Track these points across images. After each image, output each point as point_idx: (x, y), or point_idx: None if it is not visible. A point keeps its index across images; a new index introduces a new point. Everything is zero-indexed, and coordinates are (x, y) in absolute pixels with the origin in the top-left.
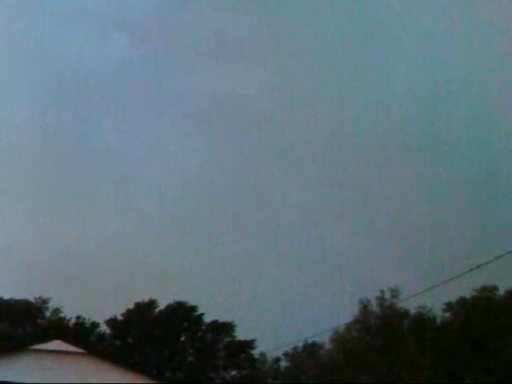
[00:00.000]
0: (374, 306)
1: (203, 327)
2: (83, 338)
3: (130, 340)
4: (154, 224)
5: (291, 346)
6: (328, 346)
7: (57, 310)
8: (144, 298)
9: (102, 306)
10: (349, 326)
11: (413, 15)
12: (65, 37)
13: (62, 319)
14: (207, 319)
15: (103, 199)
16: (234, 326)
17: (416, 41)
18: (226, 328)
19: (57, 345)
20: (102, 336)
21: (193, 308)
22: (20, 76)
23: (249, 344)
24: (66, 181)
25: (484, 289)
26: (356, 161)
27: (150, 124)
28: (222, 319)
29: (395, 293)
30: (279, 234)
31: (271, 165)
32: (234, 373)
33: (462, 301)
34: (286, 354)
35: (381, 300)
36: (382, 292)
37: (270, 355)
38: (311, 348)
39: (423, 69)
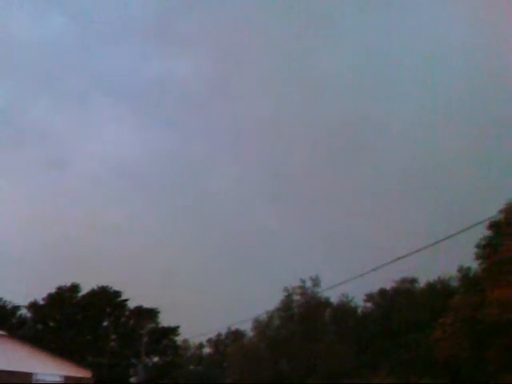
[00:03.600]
0: (297, 295)
1: (127, 313)
2: (4, 320)
3: (51, 324)
4: (81, 206)
5: (215, 333)
6: (250, 333)
7: None
8: (66, 281)
9: (23, 290)
10: (271, 314)
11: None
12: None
13: None
14: (131, 305)
15: (33, 181)
16: (158, 312)
17: (355, 40)
18: (150, 314)
19: None
20: (23, 319)
21: (116, 293)
22: None
23: (172, 330)
24: None
25: (404, 281)
26: (290, 152)
27: (85, 105)
28: (146, 305)
29: (316, 281)
30: (207, 220)
31: (205, 150)
32: (156, 359)
33: (383, 292)
34: (209, 341)
35: (303, 289)
36: (303, 281)
37: (194, 342)
38: (234, 335)
39: (362, 68)
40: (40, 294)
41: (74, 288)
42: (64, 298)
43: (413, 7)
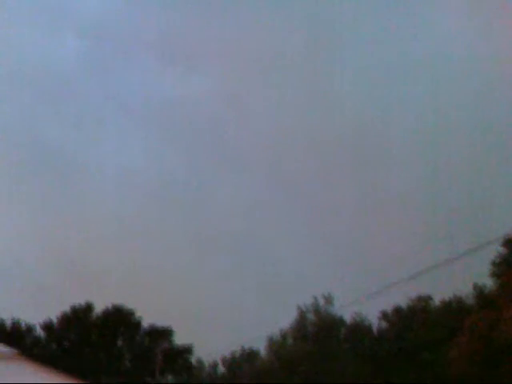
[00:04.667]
0: (311, 314)
1: (141, 332)
2: (18, 340)
3: (65, 344)
4: (92, 225)
5: (229, 352)
6: (264, 352)
7: None
8: (80, 301)
9: (37, 309)
10: (285, 333)
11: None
12: (13, 32)
13: None
14: (145, 324)
15: (40, 196)
16: (172, 331)
17: (363, 48)
18: (164, 333)
19: None
20: (37, 339)
21: (130, 312)
22: None
23: (186, 350)
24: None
25: (419, 298)
26: (300, 167)
27: (94, 122)
28: (159, 324)
29: (329, 299)
30: (218, 237)
31: (215, 167)
32: (170, 378)
33: (398, 310)
34: (223, 360)
35: (316, 307)
36: (316, 299)
37: (207, 361)
38: (248, 354)
39: (367, 78)
40: (54, 313)
41: (88, 307)
42: (78, 318)
43: (414, 12)
